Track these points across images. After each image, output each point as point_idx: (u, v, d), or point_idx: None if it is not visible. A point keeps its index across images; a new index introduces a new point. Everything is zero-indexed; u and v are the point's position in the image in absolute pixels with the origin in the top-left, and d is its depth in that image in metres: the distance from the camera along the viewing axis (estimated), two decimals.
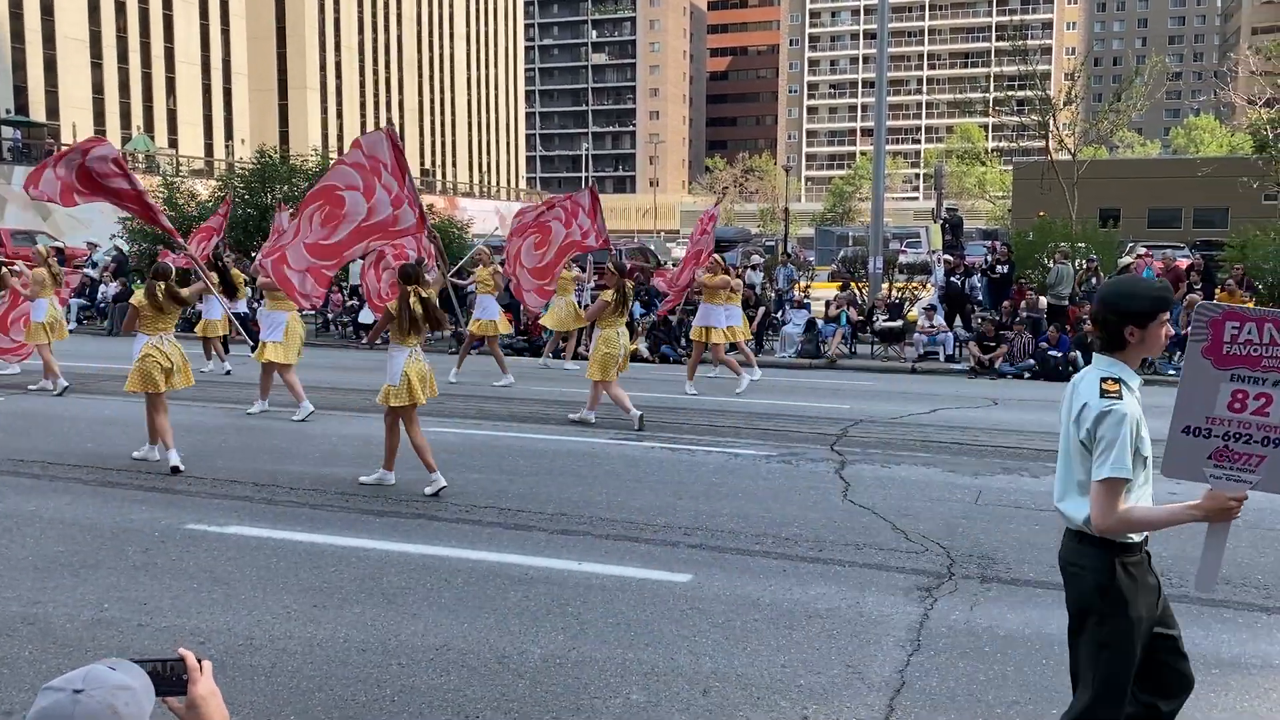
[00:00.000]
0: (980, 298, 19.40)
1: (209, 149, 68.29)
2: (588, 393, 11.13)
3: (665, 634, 5.16)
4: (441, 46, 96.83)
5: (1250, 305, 16.71)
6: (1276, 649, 5.05)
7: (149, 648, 4.88)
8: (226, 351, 14.84)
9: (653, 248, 36.96)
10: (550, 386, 13.98)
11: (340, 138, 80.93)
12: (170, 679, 1.75)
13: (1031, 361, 15.80)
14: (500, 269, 14.38)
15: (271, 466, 8.68)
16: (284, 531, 6.86)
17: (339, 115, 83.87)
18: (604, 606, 5.52)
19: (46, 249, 13.69)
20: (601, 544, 6.68)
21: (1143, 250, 23.21)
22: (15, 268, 13.27)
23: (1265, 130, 37.61)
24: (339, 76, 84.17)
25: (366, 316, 19.73)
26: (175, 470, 8.33)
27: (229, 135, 70.93)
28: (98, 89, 62.44)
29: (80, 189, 9.39)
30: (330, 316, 20.89)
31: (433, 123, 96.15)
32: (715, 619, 5.36)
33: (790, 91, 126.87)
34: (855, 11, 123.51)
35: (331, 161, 9.27)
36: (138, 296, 8.82)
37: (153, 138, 60.49)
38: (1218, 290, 17.78)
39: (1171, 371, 15.96)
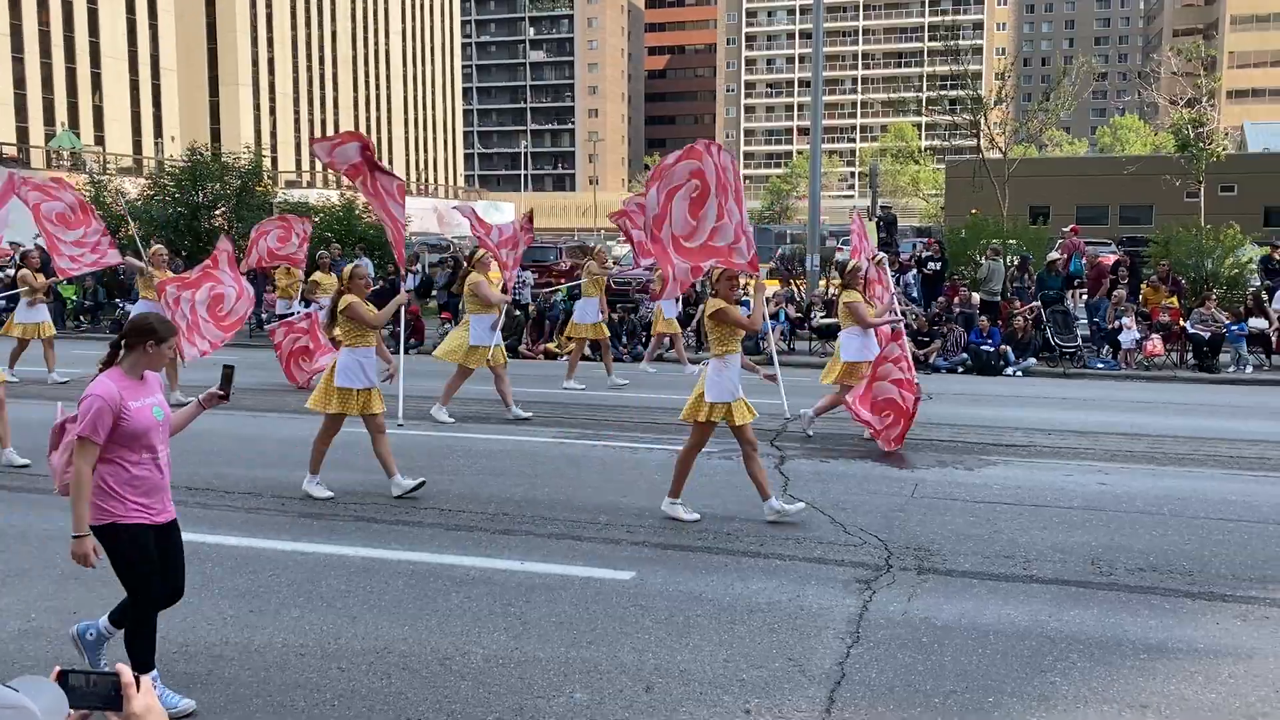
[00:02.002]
0: (915, 294, 19.71)
1: (137, 146, 66.72)
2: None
3: (608, 631, 5.17)
4: (376, 43, 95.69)
5: (1173, 301, 17.20)
6: (1201, 633, 5.21)
7: (78, 658, 4.76)
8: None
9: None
10: (480, 385, 13.88)
11: (274, 135, 79.64)
12: (101, 694, 1.70)
13: (965, 356, 16.09)
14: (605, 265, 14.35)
15: (205, 470, 8.51)
16: (219, 536, 6.73)
17: (272, 112, 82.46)
18: (547, 606, 5.51)
19: (156, 250, 12.92)
20: (544, 543, 6.67)
21: (1069, 229, 23.58)
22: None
23: (1187, 130, 38.76)
24: (272, 73, 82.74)
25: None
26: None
27: (158, 132, 69.35)
28: (19, 84, 60.62)
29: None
30: None
31: (368, 120, 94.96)
32: (658, 615, 5.38)
33: (728, 90, 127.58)
34: (791, 11, 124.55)
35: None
36: None
37: (78, 134, 58.93)
38: (1143, 285, 18.27)
39: (1100, 365, 16.37)
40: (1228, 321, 16.22)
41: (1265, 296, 17.24)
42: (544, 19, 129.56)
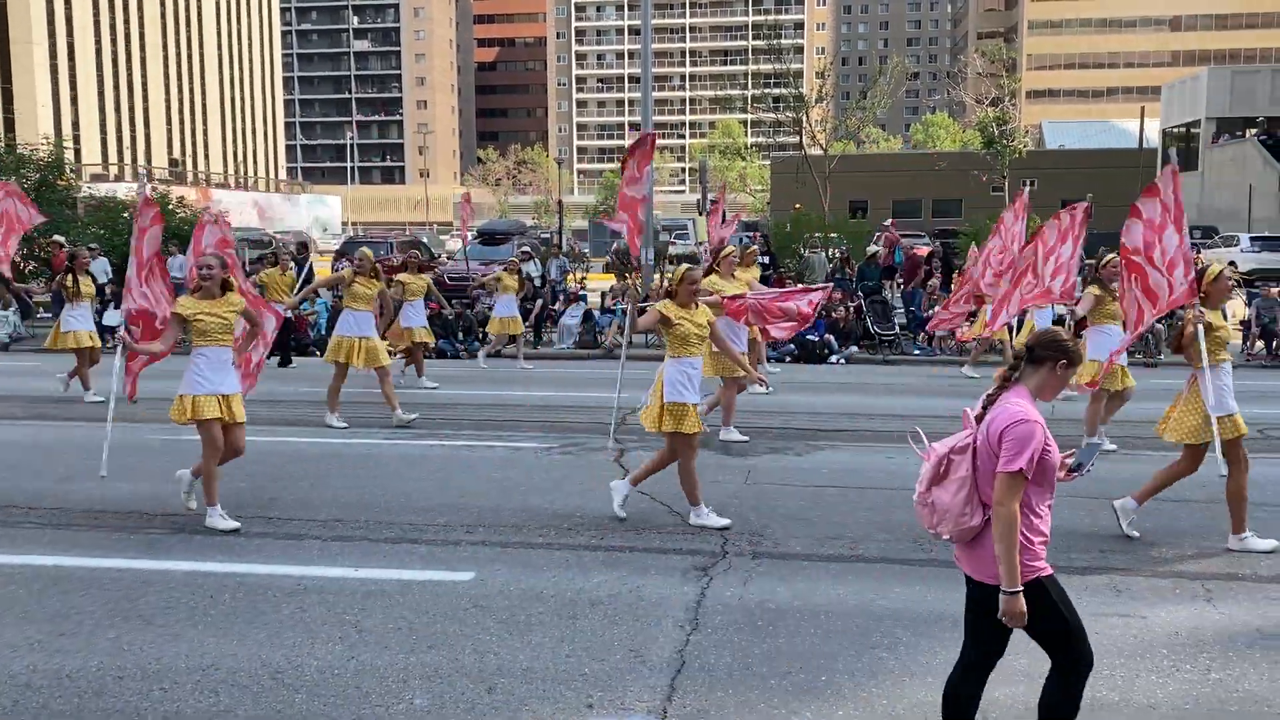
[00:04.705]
0: None
1: None
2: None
3: (448, 634, 5.10)
4: (189, 29, 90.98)
5: None
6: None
7: None
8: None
9: (425, 240, 36.22)
10: (312, 387, 13.45)
11: (75, 125, 74.70)
12: None
13: (792, 346, 16.63)
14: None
15: (3, 485, 7.92)
16: (23, 555, 6.28)
17: (73, 101, 77.26)
18: (384, 612, 5.39)
19: (363, 253, 10.89)
20: (380, 548, 6.52)
21: (888, 223, 24.76)
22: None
23: (992, 128, 41.19)
24: (72, 59, 77.47)
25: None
26: None
27: None
28: None
29: None
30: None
31: (181, 110, 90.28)
32: (499, 615, 5.34)
33: (559, 84, 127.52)
34: (620, 7, 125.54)
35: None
36: None
37: None
38: (955, 275, 19.30)
39: (917, 351, 17.21)
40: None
41: None
42: (368, 7, 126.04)
